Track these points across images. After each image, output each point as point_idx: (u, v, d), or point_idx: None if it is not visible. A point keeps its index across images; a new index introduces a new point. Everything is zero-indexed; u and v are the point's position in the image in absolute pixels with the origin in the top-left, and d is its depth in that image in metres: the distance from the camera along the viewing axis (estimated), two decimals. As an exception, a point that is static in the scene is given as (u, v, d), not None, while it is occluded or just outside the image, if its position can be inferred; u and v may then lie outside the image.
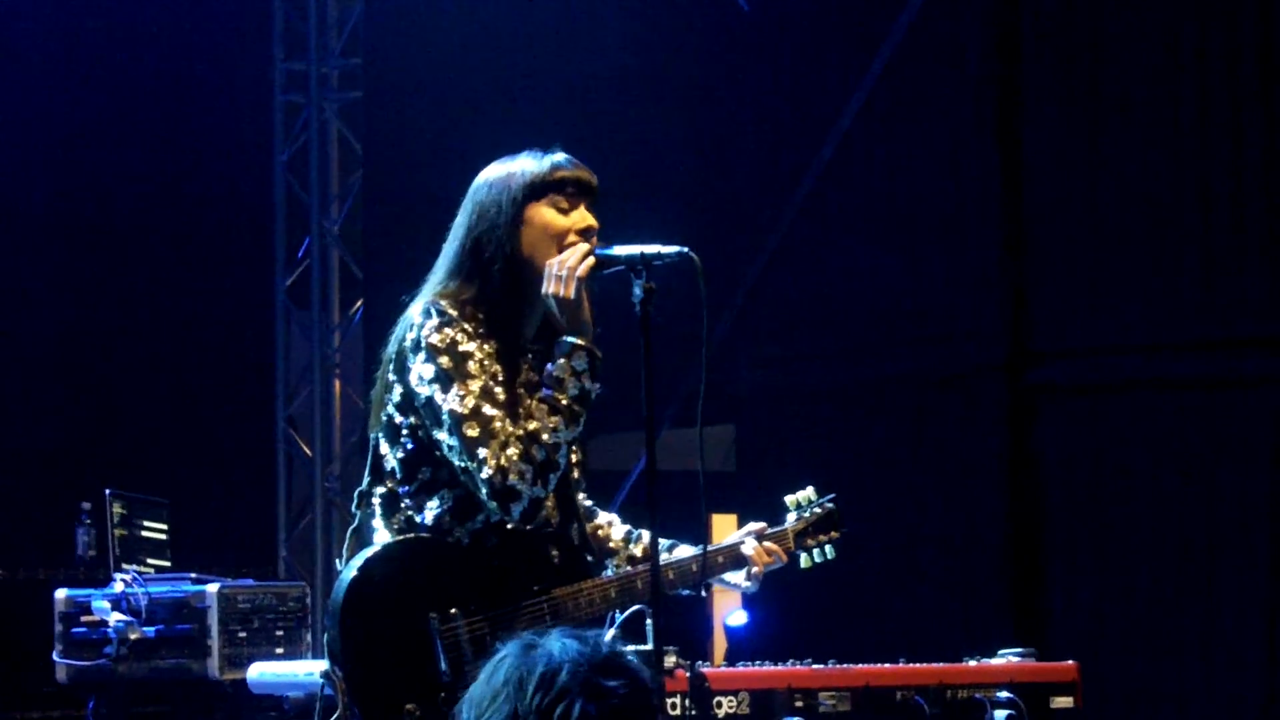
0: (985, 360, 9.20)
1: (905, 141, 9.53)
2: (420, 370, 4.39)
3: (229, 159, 11.38)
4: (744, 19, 9.88)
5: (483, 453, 4.32)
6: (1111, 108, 8.96)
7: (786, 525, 4.98)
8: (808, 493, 5.06)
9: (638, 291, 4.35)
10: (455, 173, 4.75)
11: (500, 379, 4.43)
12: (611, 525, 4.82)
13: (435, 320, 4.40)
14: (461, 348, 4.38)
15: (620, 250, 4.43)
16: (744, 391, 9.84)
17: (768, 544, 4.87)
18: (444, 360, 4.37)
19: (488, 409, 4.34)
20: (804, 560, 5.02)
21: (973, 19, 9.33)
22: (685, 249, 4.38)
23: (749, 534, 4.88)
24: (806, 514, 5.01)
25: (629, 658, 2.90)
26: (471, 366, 4.37)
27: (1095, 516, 8.91)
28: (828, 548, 5.03)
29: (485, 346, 4.43)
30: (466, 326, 4.41)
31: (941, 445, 9.29)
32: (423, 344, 4.39)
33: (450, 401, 4.35)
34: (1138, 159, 8.89)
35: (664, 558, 4.67)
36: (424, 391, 4.39)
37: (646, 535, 4.70)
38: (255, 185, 11.57)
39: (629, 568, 4.66)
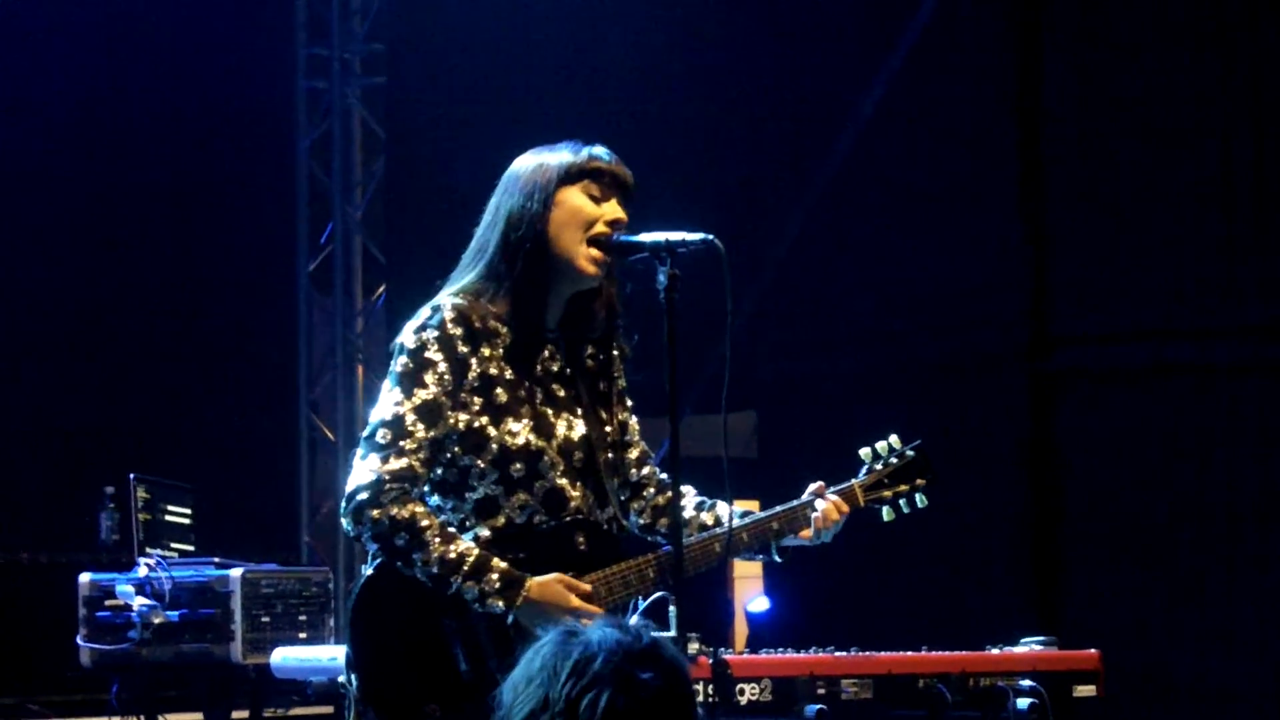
0: (1006, 347, 9.20)
1: (926, 129, 9.52)
2: (391, 364, 4.41)
3: (252, 145, 11.40)
4: (766, 6, 9.88)
5: (372, 463, 4.31)
6: (1131, 95, 8.95)
7: (854, 481, 4.82)
8: (888, 442, 4.89)
9: (662, 278, 4.32)
10: (477, 158, 4.77)
11: (496, 378, 4.43)
12: (683, 497, 4.74)
13: (419, 322, 4.40)
14: (428, 354, 4.35)
15: (645, 237, 4.42)
16: (766, 378, 9.84)
17: (833, 498, 4.72)
18: (404, 361, 4.37)
19: (411, 426, 4.32)
20: (886, 513, 4.85)
21: (994, 5, 9.32)
22: (709, 236, 4.37)
23: (811, 495, 4.73)
24: (880, 466, 4.87)
25: (669, 650, 2.84)
26: (428, 377, 4.34)
27: (1116, 503, 8.91)
28: (918, 496, 4.89)
29: (485, 350, 4.42)
30: (455, 331, 4.37)
31: (962, 431, 9.28)
32: (400, 344, 4.40)
33: (387, 399, 4.36)
34: (1158, 145, 8.88)
35: (732, 524, 4.58)
36: (384, 385, 4.41)
37: (721, 505, 4.65)
38: (278, 171, 11.59)
39: (693, 539, 4.54)
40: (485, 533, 4.38)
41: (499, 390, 4.40)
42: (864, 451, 4.88)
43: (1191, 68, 8.80)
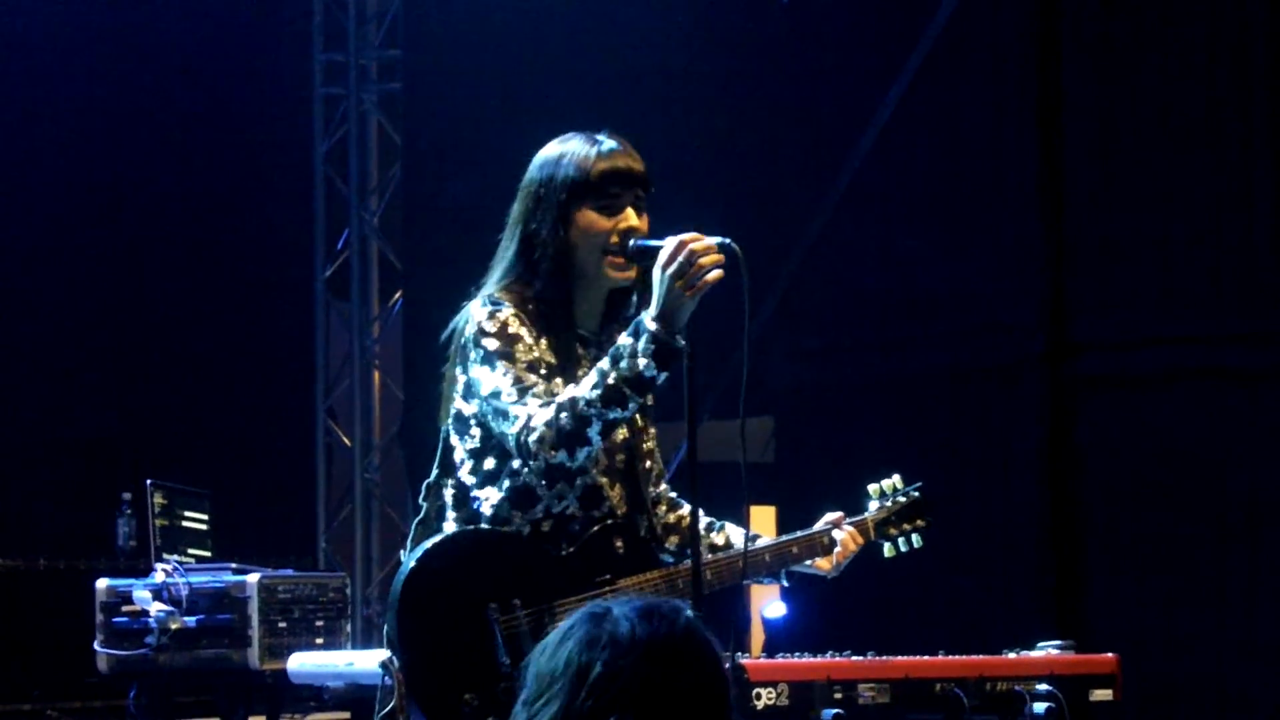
0: (1025, 352, 9.18)
1: (945, 133, 9.51)
2: (475, 354, 4.44)
3: (269, 151, 11.43)
4: (784, 10, 9.88)
5: (515, 410, 4.34)
6: (1152, 99, 8.92)
7: (867, 514, 4.96)
8: (893, 481, 5.03)
9: (679, 283, 4.35)
10: (494, 164, 4.77)
11: (555, 366, 4.45)
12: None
13: (491, 308, 4.46)
14: (511, 330, 4.42)
15: (662, 242, 4.43)
16: (783, 383, 9.82)
17: (849, 528, 4.86)
18: (493, 343, 4.42)
19: (528, 377, 4.37)
20: (887, 549, 4.98)
21: (1012, 8, 9.31)
22: (727, 240, 4.37)
23: (828, 524, 4.86)
24: (889, 502, 5.00)
25: (705, 645, 2.69)
26: (520, 347, 4.41)
27: (1135, 508, 8.88)
28: (914, 536, 5.00)
29: (543, 340, 4.47)
30: (521, 314, 4.45)
31: (981, 437, 9.26)
32: (479, 331, 4.44)
33: (496, 375, 4.39)
34: (1178, 150, 8.86)
35: (741, 547, 4.66)
36: (477, 374, 4.43)
37: (730, 526, 4.76)
38: (295, 177, 11.62)
39: (708, 556, 4.63)
40: (525, 527, 4.43)
41: (558, 381, 4.45)
42: (872, 488, 5.02)
43: (1211, 71, 8.78)
